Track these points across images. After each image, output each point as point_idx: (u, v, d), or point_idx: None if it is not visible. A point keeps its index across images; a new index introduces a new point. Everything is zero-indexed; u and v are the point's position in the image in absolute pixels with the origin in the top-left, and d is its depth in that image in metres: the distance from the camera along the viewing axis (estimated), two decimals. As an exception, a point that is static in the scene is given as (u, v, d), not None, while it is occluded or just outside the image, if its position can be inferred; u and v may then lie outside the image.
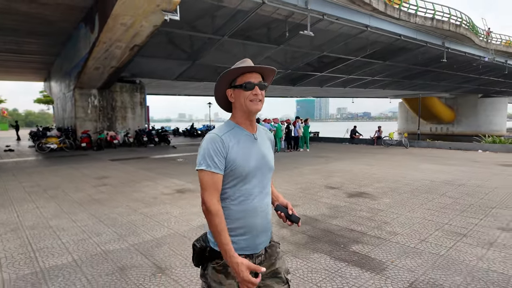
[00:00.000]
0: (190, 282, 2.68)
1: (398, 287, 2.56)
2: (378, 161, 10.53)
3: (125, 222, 4.30)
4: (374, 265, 2.95)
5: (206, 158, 1.25)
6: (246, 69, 1.31)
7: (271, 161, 1.41)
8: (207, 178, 1.24)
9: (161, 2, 9.44)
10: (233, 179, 1.29)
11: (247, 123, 1.36)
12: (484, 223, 4.10)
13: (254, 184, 1.32)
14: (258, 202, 1.33)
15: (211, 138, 1.28)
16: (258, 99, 1.31)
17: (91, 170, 8.95)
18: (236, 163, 1.27)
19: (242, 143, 1.32)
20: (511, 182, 6.72)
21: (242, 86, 1.30)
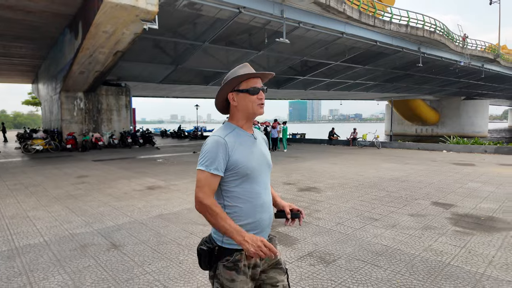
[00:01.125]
0: (135, 254, 3.35)
1: (298, 254, 3.28)
2: (345, 160, 11.33)
3: (94, 212, 4.95)
4: (289, 241, 3.67)
5: (207, 159, 1.30)
6: (252, 75, 1.38)
7: (269, 159, 1.49)
8: (204, 177, 1.29)
9: (140, 12, 10.10)
10: (239, 178, 1.34)
11: (247, 125, 1.43)
12: (399, 211, 4.87)
13: (259, 181, 1.38)
14: (265, 198, 1.39)
15: (215, 140, 1.32)
16: (262, 103, 1.39)
17: (73, 169, 9.53)
18: (239, 163, 1.32)
19: (244, 144, 1.37)
20: (449, 179, 7.55)
21: (249, 90, 1.36)
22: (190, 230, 4.09)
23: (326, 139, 19.52)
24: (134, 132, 18.52)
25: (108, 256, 3.31)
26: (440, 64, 27.53)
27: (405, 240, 3.68)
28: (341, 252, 3.35)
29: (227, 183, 1.35)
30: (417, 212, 4.82)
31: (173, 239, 3.80)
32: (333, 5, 14.63)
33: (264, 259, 1.40)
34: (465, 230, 4.00)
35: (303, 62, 23.12)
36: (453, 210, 4.92)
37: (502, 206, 5.13)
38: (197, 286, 2.70)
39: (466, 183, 6.98)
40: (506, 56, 36.36)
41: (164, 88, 24.55)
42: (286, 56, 20.26)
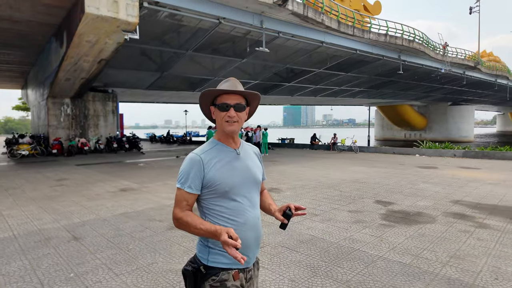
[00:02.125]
0: (91, 245, 3.83)
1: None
2: (318, 164, 11.89)
3: (65, 211, 5.40)
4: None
5: (182, 177, 1.31)
6: (224, 91, 1.34)
7: (257, 174, 1.42)
8: (179, 194, 1.31)
9: (121, 24, 10.61)
10: (217, 196, 1.31)
11: (229, 140, 1.39)
12: (342, 208, 5.41)
13: (242, 199, 1.34)
14: (248, 216, 1.34)
15: (190, 158, 1.33)
16: (233, 121, 1.33)
17: (54, 173, 9.93)
18: (217, 180, 1.30)
19: (224, 160, 1.34)
20: (404, 180, 8.13)
21: (218, 106, 1.34)
22: (146, 225, 4.58)
23: (309, 144, 20.10)
24: (121, 137, 18.89)
25: (67, 246, 3.78)
26: (422, 71, 28.43)
27: (332, 231, 4.22)
28: (271, 241, 3.86)
29: (206, 201, 1.34)
30: (357, 209, 5.37)
31: (128, 232, 4.28)
32: (311, 15, 15.31)
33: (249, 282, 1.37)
34: (390, 224, 4.55)
35: (288, 69, 23.79)
36: (390, 207, 5.48)
37: (436, 203, 5.70)
38: (136, 267, 3.19)
39: (418, 184, 7.57)
40: (487, 64, 37.60)
41: (152, 94, 25.01)
42: (270, 63, 20.90)
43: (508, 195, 6.35)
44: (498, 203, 5.72)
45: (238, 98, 1.35)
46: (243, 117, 1.37)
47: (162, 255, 3.50)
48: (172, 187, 7.42)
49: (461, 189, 6.93)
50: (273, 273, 3.03)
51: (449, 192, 6.67)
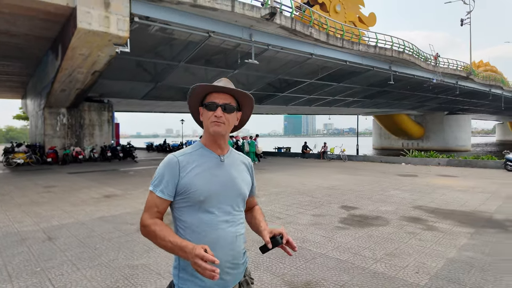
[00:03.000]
0: (63, 244, 4.16)
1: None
2: (303, 172, 12.22)
3: (46, 215, 5.75)
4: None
5: (156, 180, 1.21)
6: (212, 88, 1.24)
7: (241, 186, 1.29)
8: (150, 199, 1.21)
9: (112, 38, 11.12)
10: (191, 205, 1.20)
11: (215, 146, 1.28)
12: (307, 212, 5.74)
13: (218, 212, 1.21)
14: (222, 233, 1.21)
15: (167, 160, 1.23)
16: (219, 121, 1.22)
17: (45, 181, 10.29)
18: (192, 187, 1.18)
19: (204, 166, 1.23)
20: (378, 187, 8.46)
21: (206, 105, 1.24)
22: (118, 228, 4.92)
23: (300, 153, 20.46)
24: (115, 146, 19.29)
25: (40, 245, 4.12)
26: (414, 81, 28.95)
27: (287, 233, 4.54)
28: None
29: (178, 210, 1.22)
30: (320, 213, 5.70)
31: (100, 234, 4.62)
32: (299, 29, 15.84)
33: None
34: (344, 226, 4.88)
35: (281, 80, 24.32)
36: (353, 211, 5.80)
37: (398, 208, 6.03)
38: (98, 263, 3.52)
39: (389, 191, 7.89)
40: (481, 74, 38.18)
41: (148, 103, 25.51)
42: (262, 74, 21.43)
43: (471, 201, 6.67)
44: (457, 208, 6.04)
45: (228, 99, 1.25)
46: (231, 120, 1.26)
47: (124, 253, 3.84)
48: (154, 194, 7.76)
49: (428, 196, 7.25)
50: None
51: (416, 198, 7.00)
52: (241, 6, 13.32)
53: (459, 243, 4.06)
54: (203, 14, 13.08)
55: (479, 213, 5.65)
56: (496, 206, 6.18)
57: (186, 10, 12.58)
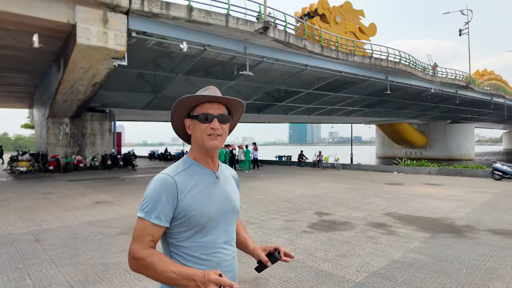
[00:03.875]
0: (48, 245, 4.58)
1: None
2: (294, 180, 12.55)
3: (38, 220, 6.18)
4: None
5: (148, 203, 1.07)
6: (205, 98, 1.14)
7: (236, 203, 1.23)
8: (141, 227, 1.06)
9: (110, 52, 11.72)
10: (190, 229, 1.09)
11: (208, 160, 1.18)
12: (281, 218, 6.08)
13: (218, 233, 1.14)
14: (223, 255, 1.14)
15: (161, 180, 1.08)
16: (216, 134, 1.13)
17: (44, 188, 10.78)
18: (192, 209, 1.07)
19: (201, 184, 1.13)
20: (359, 195, 8.76)
21: (197, 117, 1.13)
22: (101, 231, 5.32)
23: (296, 161, 20.77)
24: (115, 155, 19.83)
25: (26, 246, 4.54)
26: (412, 91, 29.21)
27: (254, 236, 4.90)
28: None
29: (175, 236, 1.11)
30: (293, 219, 6.04)
31: (83, 236, 5.03)
32: (292, 42, 16.36)
33: None
34: (311, 230, 5.22)
35: (279, 90, 24.81)
36: (325, 217, 6.14)
37: (369, 215, 6.34)
38: (75, 261, 3.92)
39: (368, 198, 8.20)
40: (484, 83, 38.32)
41: (150, 113, 26.15)
42: (259, 85, 21.94)
43: (443, 208, 6.95)
44: (425, 215, 6.33)
45: (222, 108, 1.17)
46: (226, 132, 1.18)
47: (101, 252, 4.23)
48: (140, 200, 8.17)
49: (404, 203, 7.54)
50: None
51: (391, 205, 7.30)
52: (235, 21, 13.89)
53: (410, 246, 4.38)
54: (199, 29, 13.66)
55: (444, 219, 5.94)
56: (464, 213, 6.46)
57: (181, 25, 13.17)
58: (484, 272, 3.50)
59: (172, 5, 12.33)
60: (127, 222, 5.92)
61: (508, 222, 5.70)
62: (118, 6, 11.40)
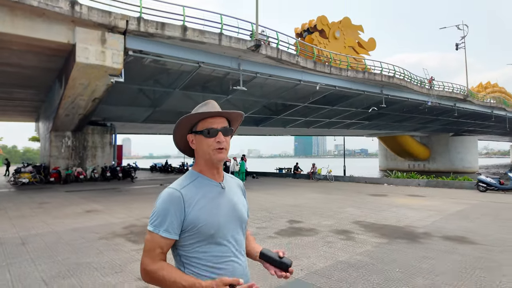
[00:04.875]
0: (32, 247, 5.05)
1: (137, 247, 4.94)
2: (282, 191, 12.93)
3: (29, 226, 6.67)
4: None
5: (157, 217, 1.12)
6: (208, 114, 1.19)
7: (243, 212, 1.26)
8: (151, 240, 1.12)
9: (108, 69, 12.44)
10: (200, 240, 1.13)
11: (213, 172, 1.23)
12: (254, 225, 6.48)
13: (229, 242, 1.17)
14: (236, 264, 1.17)
15: (168, 194, 1.14)
16: (222, 147, 1.18)
17: (42, 198, 11.32)
18: (200, 221, 1.12)
19: (208, 196, 1.17)
20: (337, 205, 9.11)
21: (203, 132, 1.18)
22: (84, 236, 5.78)
23: (291, 173, 21.13)
24: (115, 167, 20.43)
25: (12, 248, 5.02)
26: (409, 104, 29.60)
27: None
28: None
29: (185, 247, 1.15)
30: (265, 226, 6.44)
31: (66, 240, 5.49)
32: (285, 58, 17.02)
33: None
34: (276, 236, 5.61)
35: (277, 103, 25.42)
36: (295, 225, 6.52)
37: (337, 222, 6.71)
38: (52, 260, 4.38)
39: (345, 208, 8.55)
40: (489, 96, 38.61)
41: (151, 126, 26.89)
42: (256, 99, 22.57)
43: (412, 217, 7.27)
44: (391, 223, 6.67)
45: (224, 121, 1.23)
46: (230, 143, 1.24)
47: (77, 254, 4.69)
48: (131, 210, 8.65)
49: (377, 213, 7.88)
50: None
51: (364, 214, 7.65)
52: (228, 40, 14.61)
53: (360, 250, 4.75)
54: (193, 47, 14.38)
55: (408, 227, 6.28)
56: (430, 222, 6.78)
57: (176, 44, 13.91)
58: (415, 271, 3.87)
59: (167, 25, 13.09)
60: (110, 228, 6.38)
61: (468, 230, 6.03)
62: (116, 27, 12.18)
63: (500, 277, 3.65)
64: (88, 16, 11.44)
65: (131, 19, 12.35)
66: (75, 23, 11.50)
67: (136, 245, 5.15)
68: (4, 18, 10.28)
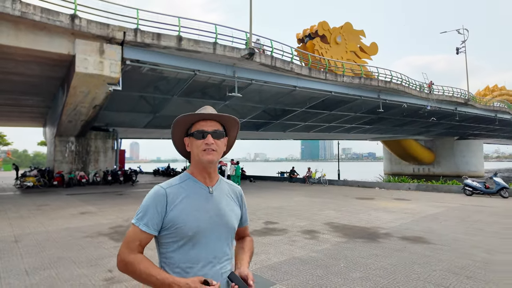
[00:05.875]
0: (24, 244, 5.59)
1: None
2: (274, 194, 13.36)
3: (25, 225, 7.25)
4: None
5: (141, 212, 1.17)
6: (200, 116, 1.24)
7: (230, 219, 1.25)
8: (132, 232, 1.17)
9: (106, 78, 13.09)
10: (177, 240, 1.16)
11: (204, 175, 1.25)
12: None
13: (206, 247, 1.18)
14: (209, 271, 1.17)
15: (154, 191, 1.20)
16: (211, 149, 1.21)
17: (43, 201, 11.96)
18: (179, 221, 1.15)
19: (192, 198, 1.20)
20: (317, 208, 9.50)
21: (193, 134, 1.23)
22: (72, 235, 6.32)
23: (288, 177, 21.54)
24: (117, 171, 21.11)
25: (5, 245, 5.57)
26: (409, 108, 29.77)
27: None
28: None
29: (164, 246, 1.18)
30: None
31: (55, 238, 6.03)
32: (279, 65, 17.52)
33: None
34: (246, 236, 6.05)
35: (276, 108, 25.90)
36: (269, 225, 6.96)
37: (311, 224, 7.12)
38: (38, 255, 4.90)
39: (325, 211, 8.95)
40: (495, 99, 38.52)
41: (152, 131, 27.61)
42: (253, 104, 23.09)
43: (384, 219, 7.64)
44: (360, 225, 7.06)
45: (216, 125, 1.26)
46: (221, 147, 1.26)
47: (62, 250, 5.21)
48: (122, 211, 9.19)
49: (353, 215, 8.26)
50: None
51: (339, 216, 8.04)
52: (222, 49, 15.18)
53: (319, 248, 5.17)
54: (188, 56, 14.99)
55: (374, 228, 6.67)
56: (399, 223, 7.15)
57: (172, 53, 14.53)
58: (358, 266, 4.28)
59: (162, 36, 13.73)
60: (97, 228, 6.91)
61: (429, 231, 6.38)
62: (114, 38, 12.85)
63: (431, 272, 4.04)
64: (87, 28, 12.13)
65: (128, 30, 13.01)
66: (75, 35, 12.20)
67: (116, 242, 5.66)
68: (8, 32, 11.01)
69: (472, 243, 5.39)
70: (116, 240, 5.83)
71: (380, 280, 3.76)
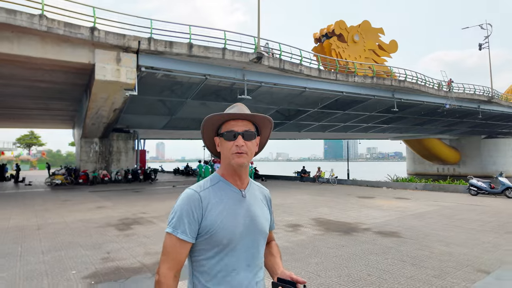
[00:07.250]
0: (44, 231, 6.56)
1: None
2: (281, 193, 13.90)
3: (47, 216, 8.30)
4: (144, 222, 6.68)
5: (174, 218, 1.10)
6: (230, 116, 1.16)
7: (263, 224, 1.20)
8: (169, 244, 1.09)
9: (123, 85, 14.20)
10: (212, 247, 1.10)
11: (235, 178, 1.19)
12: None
13: (240, 254, 1.12)
14: (245, 279, 1.12)
15: (187, 196, 1.12)
16: (241, 151, 1.13)
17: (67, 196, 13.22)
18: (215, 227, 1.09)
19: (226, 202, 1.14)
20: (313, 205, 9.99)
21: (223, 135, 1.16)
22: (85, 225, 7.25)
23: (298, 177, 21.99)
24: (137, 170, 22.45)
25: (30, 231, 6.57)
26: (426, 107, 29.28)
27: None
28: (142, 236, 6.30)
29: (196, 253, 1.12)
30: (232, 221, 7.55)
31: (70, 228, 6.98)
32: (288, 68, 18.03)
33: None
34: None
35: (289, 109, 26.37)
36: (259, 220, 7.57)
37: (298, 219, 7.67)
38: (54, 240, 5.82)
39: (318, 208, 9.44)
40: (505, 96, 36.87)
41: (171, 132, 28.91)
42: (265, 105, 23.70)
43: (371, 216, 8.04)
44: (345, 220, 7.52)
45: (247, 125, 1.17)
46: (253, 148, 1.18)
47: (73, 236, 6.12)
48: (133, 206, 10.13)
49: (344, 212, 8.71)
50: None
51: (329, 213, 8.52)
52: (231, 54, 15.94)
53: (294, 239, 5.74)
54: (199, 61, 15.87)
55: (355, 223, 7.12)
56: (383, 220, 7.54)
57: (184, 60, 15.45)
58: (319, 254, 4.83)
59: (174, 44, 14.67)
60: (108, 220, 7.82)
61: (407, 227, 6.75)
62: (130, 47, 13.93)
63: (383, 260, 4.53)
64: (105, 39, 13.26)
65: (143, 39, 14.05)
66: (95, 45, 13.36)
67: (120, 231, 6.51)
68: (36, 46, 12.32)
69: (440, 238, 5.76)
70: (120, 230, 6.68)
71: (330, 265, 4.31)
